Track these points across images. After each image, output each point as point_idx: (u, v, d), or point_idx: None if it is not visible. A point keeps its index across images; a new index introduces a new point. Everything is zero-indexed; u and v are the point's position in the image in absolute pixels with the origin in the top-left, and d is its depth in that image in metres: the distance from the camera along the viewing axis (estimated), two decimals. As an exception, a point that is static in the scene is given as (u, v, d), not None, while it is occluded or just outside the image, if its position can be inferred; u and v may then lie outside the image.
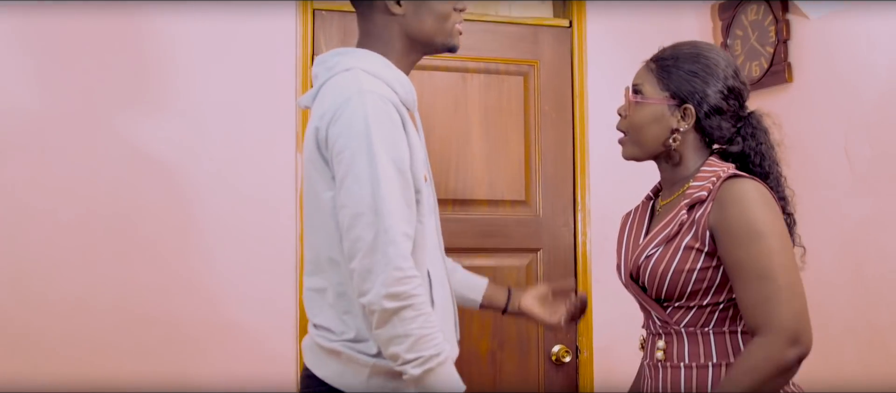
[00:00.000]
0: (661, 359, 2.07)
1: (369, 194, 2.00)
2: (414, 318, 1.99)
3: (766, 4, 3.65)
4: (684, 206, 2.02)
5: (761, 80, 3.66)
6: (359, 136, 2.02)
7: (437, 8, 2.23)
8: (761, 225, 1.94)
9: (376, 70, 2.16)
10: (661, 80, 2.10)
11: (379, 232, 1.99)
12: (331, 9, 3.56)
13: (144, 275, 3.26)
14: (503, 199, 3.72)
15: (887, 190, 3.15)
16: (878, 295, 3.17)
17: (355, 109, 2.03)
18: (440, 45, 2.28)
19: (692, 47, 2.12)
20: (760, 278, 1.91)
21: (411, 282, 2.00)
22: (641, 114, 2.11)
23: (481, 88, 3.71)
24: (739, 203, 1.96)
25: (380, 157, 2.01)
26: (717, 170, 2.05)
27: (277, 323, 3.39)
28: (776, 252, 1.92)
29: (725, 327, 2.01)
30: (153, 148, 3.29)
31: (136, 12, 3.31)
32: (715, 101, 2.07)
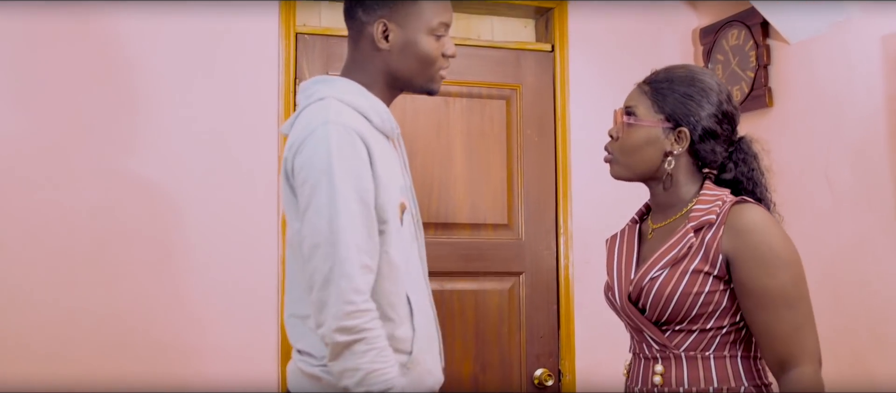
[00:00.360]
0: (658, 383, 2.04)
1: (327, 226, 2.01)
2: (364, 352, 1.99)
3: (746, 29, 3.68)
4: (691, 229, 2.01)
5: (742, 104, 3.68)
6: (320, 168, 2.03)
7: (423, 51, 2.23)
8: (784, 252, 1.96)
9: (351, 99, 2.16)
10: (655, 102, 2.09)
11: (333, 265, 1.99)
12: (313, 33, 3.56)
13: (125, 299, 3.24)
14: (485, 222, 3.72)
15: (867, 214, 3.17)
16: (858, 318, 3.18)
17: (319, 141, 2.04)
18: (419, 87, 2.28)
19: (686, 70, 2.12)
20: (789, 307, 1.93)
21: (364, 316, 2.00)
22: (635, 136, 2.10)
23: (464, 112, 3.72)
24: (759, 231, 1.96)
25: (340, 188, 2.01)
26: (719, 194, 2.06)
27: (259, 347, 3.37)
28: (799, 280, 1.96)
29: (726, 352, 2.01)
30: (134, 171, 3.28)
31: (116, 33, 3.30)
32: (709, 125, 2.07)
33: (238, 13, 3.42)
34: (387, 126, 2.22)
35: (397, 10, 2.22)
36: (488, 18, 3.92)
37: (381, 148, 2.15)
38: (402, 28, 2.22)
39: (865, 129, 3.19)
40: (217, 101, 3.39)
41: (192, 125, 3.36)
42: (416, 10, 2.22)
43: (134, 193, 3.27)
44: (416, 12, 2.22)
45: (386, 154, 2.17)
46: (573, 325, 3.74)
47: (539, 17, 3.97)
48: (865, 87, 3.19)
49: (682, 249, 2.00)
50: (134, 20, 3.31)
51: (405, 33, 2.22)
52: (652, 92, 2.10)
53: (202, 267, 3.33)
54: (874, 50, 3.16)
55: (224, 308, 3.34)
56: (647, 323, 2.04)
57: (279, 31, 3.48)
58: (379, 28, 2.22)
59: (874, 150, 3.15)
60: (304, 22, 3.62)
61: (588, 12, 3.88)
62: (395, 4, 2.22)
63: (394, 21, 2.22)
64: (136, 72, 3.31)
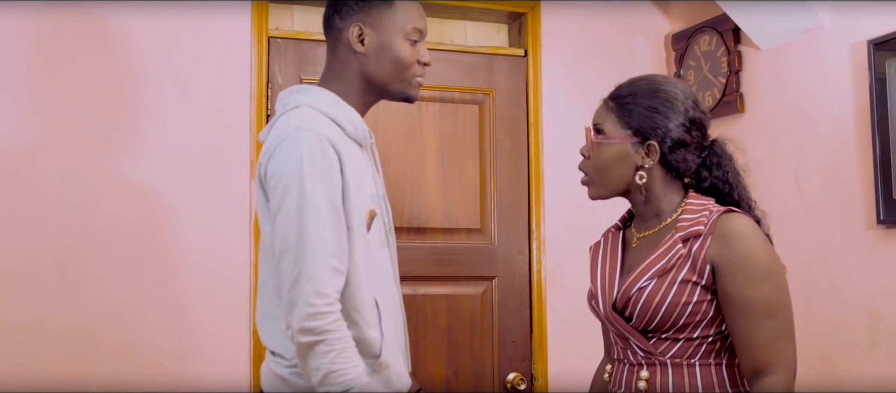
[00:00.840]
0: (643, 389, 2.04)
1: (296, 230, 2.05)
2: (325, 353, 2.03)
3: (718, 35, 3.70)
4: (679, 239, 2.01)
5: (714, 110, 3.70)
6: (291, 173, 2.07)
7: (397, 55, 2.26)
8: (768, 262, 1.97)
9: (325, 107, 2.20)
10: (621, 118, 2.08)
11: (301, 268, 2.04)
12: (286, 36, 3.55)
13: (96, 304, 3.21)
14: (458, 227, 3.72)
15: (837, 220, 3.19)
16: (828, 322, 3.21)
17: (291, 147, 2.09)
18: (396, 93, 2.31)
19: (649, 82, 2.11)
20: (769, 317, 1.94)
21: (325, 317, 2.03)
22: (605, 153, 2.09)
23: (437, 117, 3.72)
24: (744, 241, 1.97)
25: (310, 193, 2.05)
26: (706, 203, 2.06)
27: (231, 350, 3.35)
28: (781, 290, 1.98)
29: (711, 359, 2.02)
30: (104, 174, 3.25)
31: (85, 34, 3.27)
32: (678, 135, 2.07)
33: (210, 16, 3.41)
34: (360, 134, 2.26)
35: (372, 14, 2.26)
36: (461, 23, 3.92)
37: (352, 156, 2.18)
38: (378, 32, 2.26)
39: (835, 135, 3.21)
40: (189, 104, 3.37)
41: (164, 129, 3.34)
42: (391, 14, 2.26)
43: (104, 196, 3.25)
44: (390, 16, 2.26)
45: (357, 162, 2.20)
46: (546, 329, 3.75)
47: (512, 22, 3.98)
48: (835, 94, 3.22)
49: (671, 260, 2.01)
50: (105, 22, 3.29)
51: (380, 37, 2.26)
52: (617, 108, 2.10)
53: (174, 270, 3.31)
54: (844, 57, 3.19)
55: (196, 311, 3.32)
56: (632, 331, 2.04)
57: (251, 34, 3.47)
58: (354, 32, 2.26)
59: (844, 156, 3.17)
60: (276, 25, 3.60)
61: (561, 17, 3.89)
62: (370, 9, 2.26)
63: (369, 25, 2.26)
64: (105, 75, 3.29)
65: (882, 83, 3.02)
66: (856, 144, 3.13)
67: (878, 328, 3.03)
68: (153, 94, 3.34)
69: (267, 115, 3.45)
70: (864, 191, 3.10)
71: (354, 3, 2.27)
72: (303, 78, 3.54)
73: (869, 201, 3.07)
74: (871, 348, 3.05)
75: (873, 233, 3.06)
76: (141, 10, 3.32)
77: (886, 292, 3.01)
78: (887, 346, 3.00)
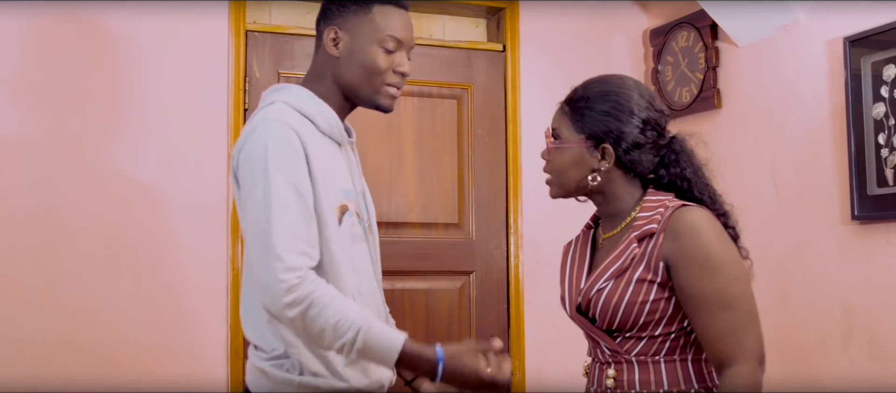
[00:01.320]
0: (611, 386, 2.05)
1: (263, 217, 2.06)
2: (319, 313, 2.02)
3: (696, 31, 3.71)
4: (634, 238, 2.02)
5: (691, 105, 3.72)
6: (257, 162, 2.09)
7: (367, 60, 2.24)
8: (720, 254, 1.97)
9: (299, 104, 2.21)
10: (575, 123, 2.09)
11: (267, 249, 2.04)
12: (264, 30, 3.53)
13: (72, 299, 3.20)
14: (436, 222, 3.72)
15: (812, 216, 3.21)
16: (802, 317, 3.23)
17: (257, 137, 2.11)
18: (365, 100, 2.28)
19: (603, 84, 2.11)
20: (726, 308, 1.94)
21: (301, 286, 2.02)
22: (561, 158, 2.11)
23: (415, 111, 3.72)
24: (695, 234, 1.97)
25: (274, 180, 2.06)
26: (662, 200, 2.06)
27: (209, 345, 3.34)
28: (736, 281, 1.96)
29: (676, 356, 2.03)
30: (81, 169, 3.24)
31: (63, 30, 3.25)
32: (632, 137, 2.06)
33: (188, 10, 3.39)
34: (335, 132, 2.26)
35: (349, 18, 2.25)
36: (440, 18, 3.92)
37: (321, 150, 2.19)
38: (352, 37, 2.25)
39: (811, 131, 3.23)
40: (167, 97, 3.36)
41: (141, 122, 3.32)
42: (367, 20, 2.24)
43: (82, 191, 3.23)
44: (366, 22, 2.24)
45: (328, 157, 2.21)
46: (523, 324, 3.75)
47: (491, 17, 3.98)
48: (811, 91, 3.24)
49: (625, 260, 2.02)
50: (83, 16, 3.26)
51: (354, 42, 2.24)
52: (571, 112, 2.11)
53: (151, 265, 3.30)
54: (820, 54, 3.20)
55: (173, 305, 3.31)
56: (598, 331, 2.06)
57: (229, 27, 3.45)
58: (329, 35, 2.25)
59: (819, 152, 3.19)
60: (254, 19, 3.59)
61: (539, 13, 3.89)
62: (347, 13, 2.25)
63: (345, 29, 2.25)
64: (82, 69, 3.27)
65: (857, 80, 3.04)
66: (831, 141, 3.15)
67: (852, 323, 3.05)
68: (131, 89, 3.32)
69: (244, 109, 3.44)
70: (839, 187, 3.12)
71: (335, 7, 2.27)
72: (280, 72, 3.53)
73: (844, 197, 3.09)
74: (846, 343, 3.07)
75: (848, 228, 3.08)
76: (119, 5, 3.30)
77: (861, 288, 3.03)
78: (861, 340, 3.02)
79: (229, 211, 3.37)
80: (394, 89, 2.29)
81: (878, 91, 2.98)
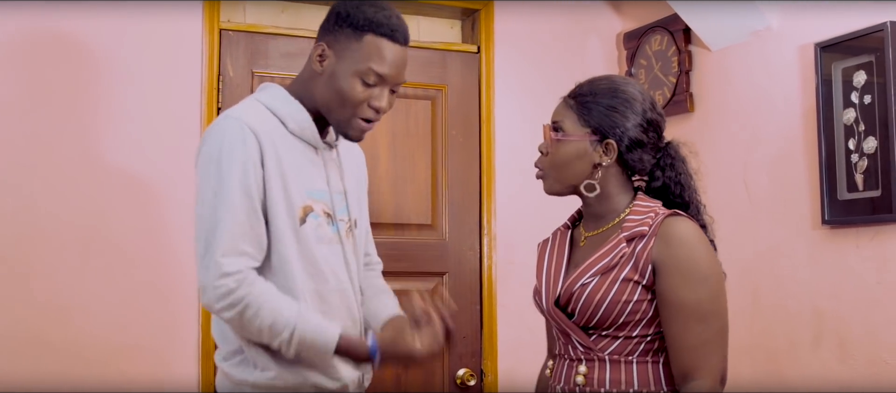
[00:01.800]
0: (581, 384, 2.08)
1: (208, 215, 2.11)
2: (255, 314, 2.08)
3: (669, 35, 3.73)
4: (623, 238, 2.04)
5: (664, 108, 3.72)
6: (209, 160, 2.13)
7: (342, 88, 2.20)
8: (707, 268, 2.01)
9: (271, 103, 2.22)
10: (581, 116, 2.11)
11: (209, 252, 2.09)
12: (238, 29, 3.52)
13: (42, 297, 3.17)
14: (410, 222, 3.72)
15: (784, 220, 3.24)
16: (774, 321, 3.25)
17: (213, 134, 2.15)
18: (334, 124, 2.27)
19: (609, 82, 2.14)
20: (700, 321, 1.98)
21: (238, 289, 2.08)
22: (564, 151, 2.12)
23: (389, 112, 3.68)
24: (686, 244, 2.01)
25: (224, 179, 2.10)
26: (653, 206, 2.09)
27: (179, 345, 3.33)
28: (716, 296, 2.00)
29: (648, 358, 2.05)
30: (52, 167, 3.21)
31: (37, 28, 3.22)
32: (635, 135, 2.10)
33: (162, 8, 3.37)
34: (306, 134, 2.25)
35: (340, 39, 2.22)
36: (415, 18, 3.91)
37: (287, 150, 2.19)
38: (338, 59, 2.22)
39: (783, 135, 3.26)
40: (139, 96, 3.33)
41: (114, 120, 3.30)
42: (356, 48, 2.20)
43: (52, 190, 3.20)
44: (354, 49, 2.20)
45: (294, 156, 2.21)
46: (496, 325, 3.76)
47: (465, 18, 3.98)
48: (783, 95, 3.26)
49: (614, 258, 2.04)
50: (56, 12, 3.24)
51: (337, 64, 2.21)
52: (577, 106, 2.13)
53: (121, 264, 3.27)
54: (792, 59, 3.23)
55: (144, 305, 3.29)
56: (573, 327, 2.07)
57: (203, 26, 3.43)
58: (317, 50, 2.25)
59: (791, 156, 3.22)
60: (228, 18, 3.57)
61: (514, 14, 3.90)
62: (339, 35, 2.22)
63: (333, 48, 2.22)
64: (55, 67, 3.24)
65: (828, 86, 3.07)
66: (802, 145, 3.18)
67: (822, 327, 3.08)
68: (103, 86, 3.30)
69: (218, 108, 3.43)
70: (809, 191, 3.14)
71: (332, 23, 2.24)
72: (254, 71, 3.51)
73: (814, 202, 3.12)
74: (816, 346, 3.10)
75: (818, 233, 3.11)
76: (92, 3, 3.27)
77: (831, 292, 3.06)
78: (831, 344, 3.05)
79: (202, 210, 3.36)
80: (364, 123, 2.25)
81: (848, 97, 3.01)
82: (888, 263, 2.89)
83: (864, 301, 2.95)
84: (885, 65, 2.87)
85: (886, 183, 2.87)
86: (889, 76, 2.86)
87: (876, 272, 2.92)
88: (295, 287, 2.17)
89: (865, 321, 2.94)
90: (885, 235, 2.89)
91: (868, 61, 2.95)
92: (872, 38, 2.92)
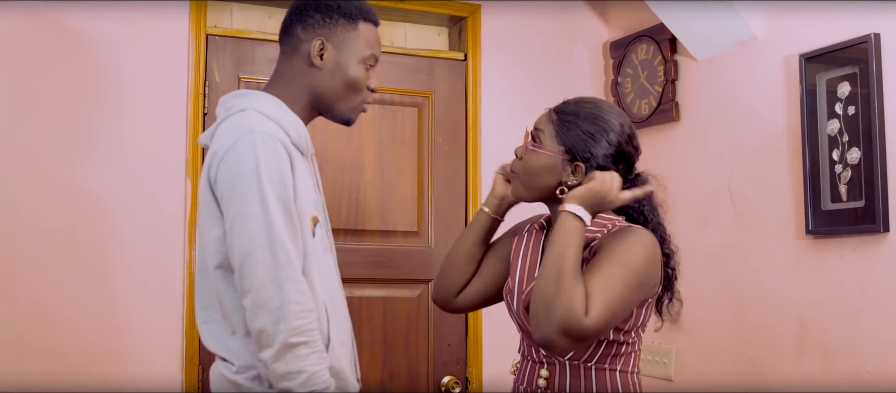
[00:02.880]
0: (542, 386, 2.13)
1: (262, 232, 2.05)
2: (308, 355, 2.05)
3: (655, 45, 3.74)
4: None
5: (650, 118, 3.75)
6: (248, 176, 2.07)
7: (352, 76, 2.30)
8: (638, 259, 2.01)
9: (271, 112, 2.21)
10: (559, 133, 2.15)
11: (274, 267, 2.04)
12: (224, 34, 3.51)
13: (26, 304, 3.15)
14: (395, 229, 3.72)
15: (768, 229, 3.25)
16: (757, 330, 3.26)
17: (245, 149, 2.09)
18: (338, 113, 2.35)
19: (594, 107, 2.17)
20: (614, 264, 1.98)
21: (309, 316, 2.06)
22: (536, 161, 2.16)
23: (375, 119, 3.71)
24: (629, 239, 2.04)
25: (269, 195, 2.06)
26: (613, 219, 2.14)
27: (163, 352, 3.31)
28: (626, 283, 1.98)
29: (606, 364, 2.10)
30: (36, 175, 3.20)
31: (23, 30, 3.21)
32: (605, 164, 2.14)
33: (148, 12, 3.36)
34: (303, 143, 2.28)
35: (337, 32, 2.30)
36: (402, 25, 3.92)
37: (297, 161, 2.20)
38: (339, 51, 2.30)
39: (767, 146, 3.27)
40: (124, 101, 3.32)
41: (99, 125, 3.29)
42: (354, 37, 2.31)
43: (36, 195, 3.19)
44: (353, 38, 2.31)
45: (301, 168, 2.22)
46: (481, 333, 3.76)
47: (453, 25, 3.99)
48: (768, 106, 3.28)
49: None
50: (38, 15, 3.23)
51: (339, 56, 2.30)
52: (558, 122, 2.16)
53: (106, 270, 3.26)
54: (777, 69, 3.25)
55: (128, 312, 3.28)
56: None
57: (189, 31, 3.43)
58: (316, 45, 2.28)
59: (775, 166, 3.23)
60: (215, 23, 3.57)
61: (501, 22, 3.91)
62: (335, 27, 2.30)
63: (332, 42, 2.30)
64: (38, 71, 3.23)
65: (813, 96, 3.08)
66: (787, 156, 3.19)
67: (805, 336, 3.09)
68: (88, 90, 3.29)
69: (203, 114, 3.42)
70: (794, 202, 3.16)
71: (321, 17, 2.30)
72: (241, 76, 3.51)
73: (798, 212, 3.13)
74: (799, 356, 3.11)
75: (802, 243, 3.12)
76: (78, 5, 3.27)
77: (814, 302, 3.07)
78: (814, 354, 3.06)
79: (186, 216, 3.35)
80: (366, 105, 2.37)
81: (832, 108, 3.03)
82: (871, 274, 2.90)
83: (848, 311, 2.96)
84: (869, 76, 2.89)
85: (870, 194, 2.88)
86: (873, 87, 2.87)
87: (859, 282, 2.93)
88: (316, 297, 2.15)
89: (849, 331, 2.96)
90: (869, 245, 2.91)
91: (852, 72, 2.96)
92: (857, 49, 2.94)
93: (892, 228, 2.84)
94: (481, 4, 3.88)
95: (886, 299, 2.85)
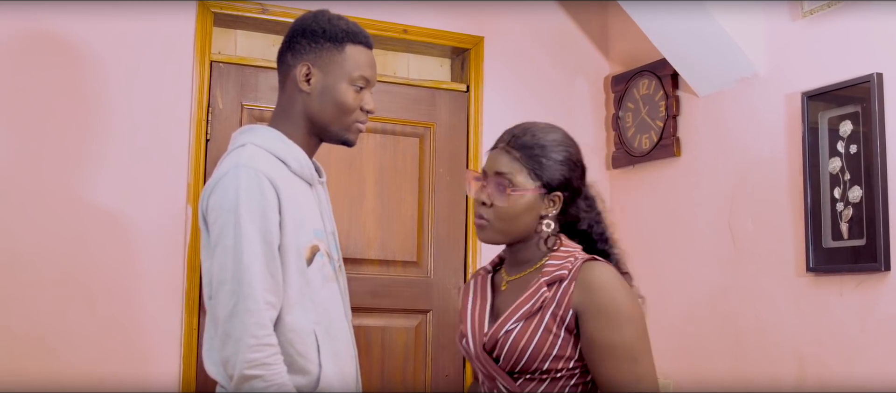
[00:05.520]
0: None
1: (232, 264, 2.10)
2: (264, 388, 2.08)
3: (657, 80, 3.76)
4: (544, 283, 2.06)
5: (650, 152, 3.75)
6: (229, 209, 2.13)
7: (340, 98, 2.30)
8: (630, 309, 2.03)
9: (270, 145, 2.25)
10: (532, 170, 2.10)
11: (238, 300, 2.09)
12: (228, 61, 3.52)
13: (23, 326, 3.14)
14: (395, 259, 3.71)
15: (768, 265, 3.25)
16: (757, 366, 3.26)
17: (229, 183, 2.14)
18: (334, 136, 2.35)
19: (554, 133, 2.15)
20: (632, 361, 1.99)
21: (265, 350, 2.09)
22: (515, 203, 2.10)
23: (377, 148, 3.72)
24: (607, 289, 2.03)
25: (245, 228, 2.11)
26: (572, 251, 2.11)
27: (160, 378, 3.30)
28: (642, 336, 2.03)
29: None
30: (38, 195, 3.19)
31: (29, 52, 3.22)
32: (578, 185, 2.15)
33: (153, 38, 3.37)
34: (306, 172, 2.30)
35: (322, 56, 2.30)
36: (405, 56, 3.93)
37: (294, 192, 2.22)
38: (324, 74, 2.30)
39: (769, 182, 3.28)
40: (128, 124, 3.33)
41: (101, 149, 3.29)
42: (340, 59, 2.30)
43: (36, 217, 3.18)
44: (339, 61, 2.30)
45: (300, 198, 2.24)
46: (478, 364, 3.74)
47: (455, 57, 4.00)
48: (769, 143, 3.29)
49: (536, 303, 2.06)
50: (43, 35, 3.23)
51: (326, 79, 2.30)
52: (525, 159, 2.11)
53: (106, 292, 3.25)
54: (779, 107, 3.26)
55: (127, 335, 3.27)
56: (500, 372, 2.09)
57: (194, 57, 3.44)
58: (302, 71, 2.30)
59: (777, 203, 3.24)
60: (219, 49, 3.58)
61: (504, 55, 3.92)
62: (321, 50, 2.30)
63: (317, 66, 2.30)
64: (42, 95, 3.23)
65: (814, 134, 3.09)
66: (788, 193, 3.20)
67: (805, 373, 3.09)
68: (90, 115, 3.29)
69: (206, 140, 3.42)
70: (794, 238, 3.16)
71: (307, 42, 2.31)
72: (244, 103, 3.52)
73: (799, 249, 3.14)
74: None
75: (803, 280, 3.12)
76: (83, 26, 3.28)
77: (814, 339, 3.07)
78: (814, 390, 3.05)
79: (187, 242, 3.35)
80: (361, 125, 2.36)
81: (834, 146, 3.04)
82: (871, 312, 2.90)
83: (847, 349, 2.96)
84: (871, 115, 2.90)
85: (871, 232, 2.89)
86: (875, 126, 2.89)
87: (859, 320, 2.93)
88: (295, 328, 2.16)
89: (848, 369, 2.95)
90: (869, 283, 2.91)
91: (854, 111, 2.98)
92: (859, 88, 2.95)
93: (893, 267, 2.84)
94: (484, 36, 3.89)
95: (887, 338, 2.85)
